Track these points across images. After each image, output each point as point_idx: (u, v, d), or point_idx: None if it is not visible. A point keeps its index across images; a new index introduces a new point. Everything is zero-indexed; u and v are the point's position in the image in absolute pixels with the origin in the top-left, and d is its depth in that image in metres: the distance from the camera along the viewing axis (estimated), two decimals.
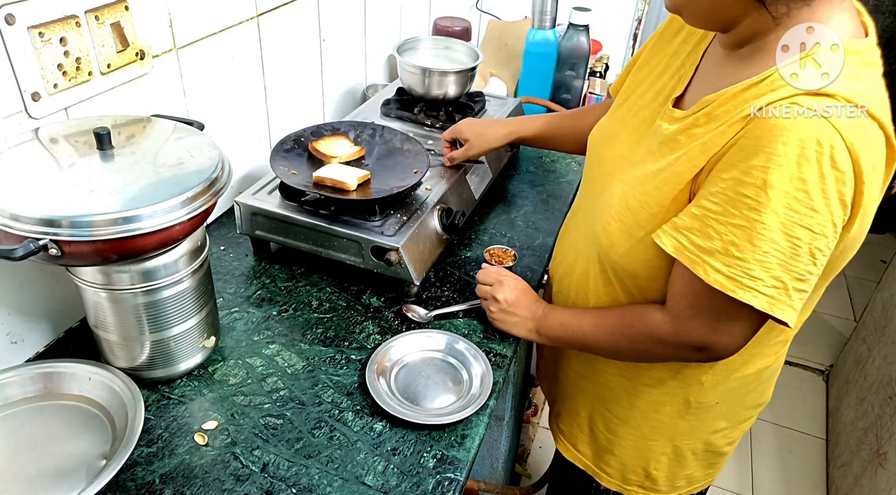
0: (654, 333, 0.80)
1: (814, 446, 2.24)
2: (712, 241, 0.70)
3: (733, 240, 0.68)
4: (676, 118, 0.79)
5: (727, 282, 0.69)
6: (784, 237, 0.66)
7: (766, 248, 0.67)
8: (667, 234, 0.74)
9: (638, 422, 0.98)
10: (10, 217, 0.67)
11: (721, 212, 0.69)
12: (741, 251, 0.68)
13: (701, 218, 0.71)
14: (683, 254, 0.72)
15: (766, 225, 0.66)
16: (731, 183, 0.68)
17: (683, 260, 0.72)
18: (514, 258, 1.14)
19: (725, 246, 0.69)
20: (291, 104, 1.35)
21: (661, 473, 1.02)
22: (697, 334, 0.77)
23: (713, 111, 0.73)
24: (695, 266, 0.71)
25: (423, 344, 0.98)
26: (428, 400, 0.90)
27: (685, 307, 0.76)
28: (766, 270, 0.68)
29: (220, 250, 1.16)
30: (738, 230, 0.68)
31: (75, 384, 0.84)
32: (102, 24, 0.87)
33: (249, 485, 0.77)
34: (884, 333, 2.06)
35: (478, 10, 2.11)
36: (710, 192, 0.70)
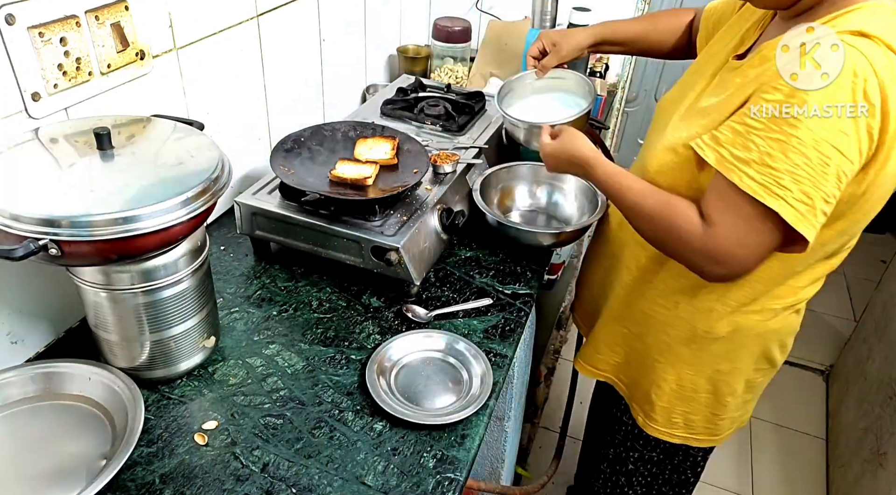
0: (683, 230, 0.83)
1: (814, 446, 2.24)
2: (750, 152, 0.76)
3: (769, 151, 0.74)
4: (734, 66, 0.89)
5: (758, 187, 0.75)
6: (816, 153, 0.72)
7: (797, 161, 0.73)
8: (709, 147, 0.81)
9: (648, 339, 1.06)
10: (10, 217, 0.67)
11: (763, 128, 0.75)
12: (774, 161, 0.74)
13: (743, 133, 0.77)
14: (723, 164, 0.78)
15: (800, 139, 0.72)
16: (777, 103, 0.74)
17: (722, 168, 0.78)
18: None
19: (761, 156, 0.75)
20: (291, 104, 1.35)
21: (661, 402, 1.08)
22: (722, 242, 0.80)
23: (767, 52, 0.81)
24: (731, 173, 0.77)
25: (423, 344, 0.98)
26: (428, 401, 0.90)
27: (718, 213, 0.80)
28: (795, 182, 0.73)
29: (220, 250, 1.16)
30: (775, 142, 0.74)
31: (75, 384, 0.84)
32: (102, 24, 0.87)
33: (249, 485, 0.77)
34: (884, 333, 2.06)
35: (478, 10, 2.11)
36: (754, 111, 0.76)
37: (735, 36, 0.97)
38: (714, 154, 0.80)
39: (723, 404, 1.06)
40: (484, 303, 1.06)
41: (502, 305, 1.08)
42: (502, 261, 1.18)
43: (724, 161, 0.78)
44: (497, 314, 1.06)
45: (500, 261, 1.18)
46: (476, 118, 1.42)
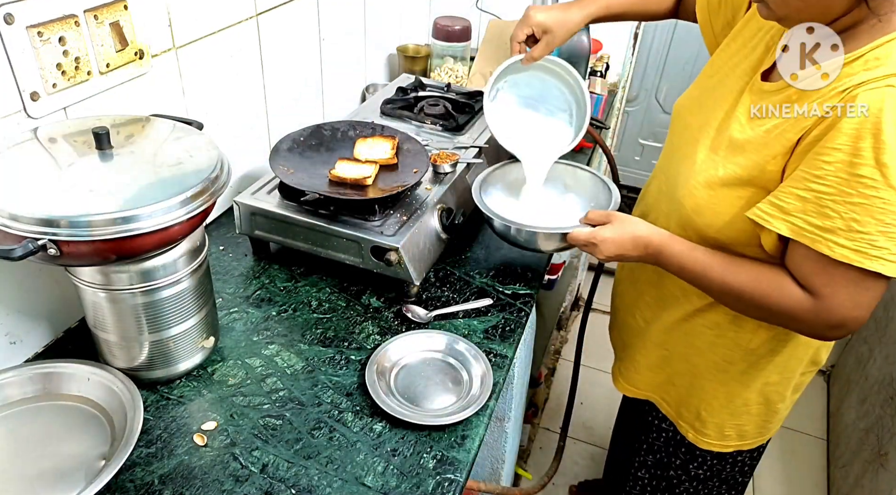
0: (792, 309, 0.81)
1: (815, 446, 2.23)
2: (832, 220, 0.74)
3: (854, 216, 0.73)
4: (766, 91, 0.85)
5: (853, 254, 0.74)
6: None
7: (888, 220, 0.72)
8: (776, 218, 0.79)
9: (694, 360, 1.04)
10: (9, 217, 0.67)
11: (836, 193, 0.73)
12: (863, 226, 0.73)
13: (814, 200, 0.75)
14: (803, 234, 0.77)
15: (885, 199, 0.71)
16: (841, 165, 0.73)
17: (804, 240, 0.77)
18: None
19: (847, 223, 0.73)
20: (291, 104, 1.35)
21: (712, 418, 1.07)
22: (838, 312, 0.79)
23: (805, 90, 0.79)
24: (817, 244, 0.76)
25: (422, 344, 0.98)
26: (428, 401, 0.90)
27: (822, 286, 0.79)
28: (890, 240, 0.73)
29: (219, 250, 1.16)
30: (858, 207, 0.72)
31: (74, 384, 0.84)
32: (101, 23, 0.87)
33: (249, 486, 0.77)
34: (885, 333, 2.06)
35: (478, 9, 2.11)
36: (816, 176, 0.75)
37: (755, 41, 0.92)
38: (786, 225, 0.78)
39: (773, 411, 1.06)
40: (484, 304, 1.06)
41: (502, 305, 1.08)
42: (502, 261, 1.18)
43: (804, 232, 0.77)
44: (497, 314, 1.06)
45: (500, 261, 1.18)
46: (476, 117, 1.42)
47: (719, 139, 0.89)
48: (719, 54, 0.99)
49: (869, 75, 0.72)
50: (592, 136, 1.58)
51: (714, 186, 0.87)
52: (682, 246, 0.89)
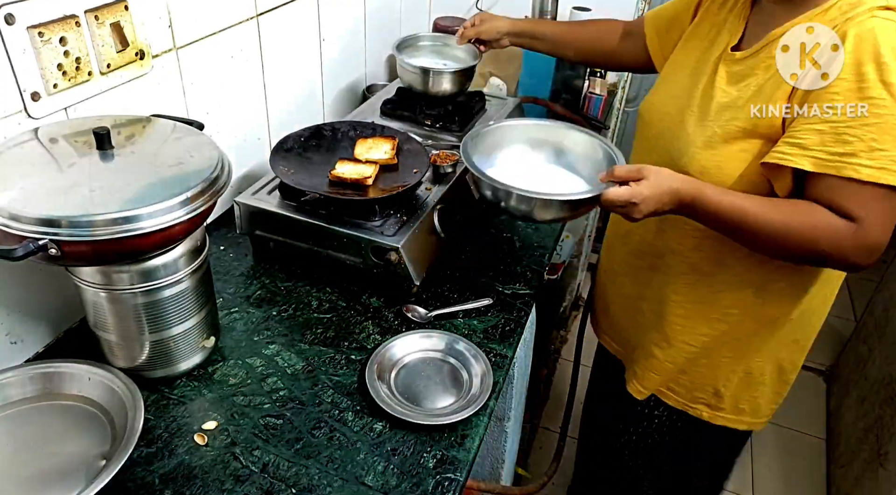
0: (836, 233, 0.81)
1: (814, 446, 2.23)
2: (852, 145, 0.77)
3: (873, 136, 0.75)
4: (740, 58, 0.89)
5: (878, 172, 0.76)
6: None
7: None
8: (797, 156, 0.80)
9: (713, 341, 1.03)
10: (9, 217, 0.67)
11: (849, 120, 0.76)
12: (882, 144, 0.75)
13: (831, 131, 0.78)
14: (827, 165, 0.78)
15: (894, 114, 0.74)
16: (850, 93, 0.76)
17: (830, 170, 0.78)
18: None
19: (867, 144, 0.76)
20: (291, 104, 1.35)
21: (729, 391, 1.07)
22: (875, 233, 0.80)
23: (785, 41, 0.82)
24: (843, 170, 0.77)
25: (423, 344, 0.98)
26: (428, 401, 0.90)
27: (858, 208, 0.79)
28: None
29: (219, 250, 1.16)
30: (874, 127, 0.75)
31: (75, 384, 0.84)
32: (102, 23, 0.87)
33: (249, 486, 0.77)
34: (884, 333, 2.06)
35: (478, 9, 2.11)
36: (828, 108, 0.78)
37: (713, 33, 0.96)
38: (809, 160, 0.79)
39: (785, 381, 1.08)
40: (484, 303, 1.06)
41: (502, 305, 1.08)
42: (502, 261, 1.18)
43: (827, 162, 0.78)
44: (497, 314, 1.06)
45: (500, 261, 1.18)
46: (476, 118, 1.42)
47: (706, 110, 0.91)
48: (676, 55, 1.03)
49: (850, 14, 0.77)
50: None
51: (716, 145, 0.88)
52: (714, 191, 0.85)
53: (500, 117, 1.43)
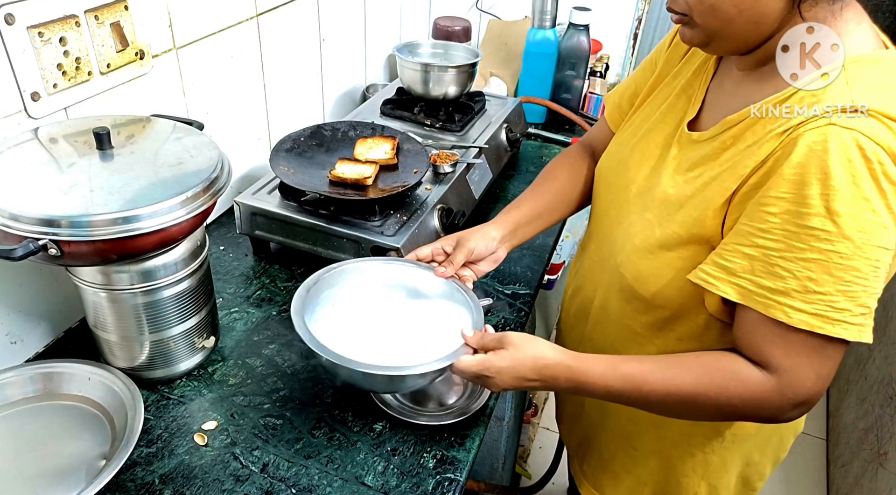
0: (755, 396, 0.69)
1: (814, 446, 2.24)
2: (784, 281, 0.65)
3: (809, 275, 0.64)
4: (695, 141, 0.78)
5: (813, 319, 0.65)
6: (864, 262, 0.63)
7: (847, 278, 0.63)
8: (721, 281, 0.70)
9: (667, 453, 0.94)
10: (9, 217, 0.67)
11: (785, 249, 0.65)
12: (820, 285, 0.64)
13: (762, 258, 0.67)
14: (752, 299, 0.68)
15: (842, 253, 0.63)
16: (787, 217, 0.64)
17: (755, 305, 0.67)
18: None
19: (802, 283, 0.64)
20: (291, 104, 1.35)
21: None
22: (803, 387, 0.68)
23: (740, 133, 0.72)
24: (770, 310, 0.66)
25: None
26: (430, 401, 0.90)
27: (782, 357, 0.68)
28: (851, 299, 0.64)
29: (219, 250, 1.16)
30: (813, 264, 0.64)
31: (75, 384, 0.84)
32: (102, 23, 0.87)
33: (249, 486, 0.77)
34: (884, 333, 2.06)
35: (478, 9, 2.11)
36: (761, 229, 0.66)
37: (673, 97, 0.85)
38: (733, 288, 0.69)
39: (752, 489, 0.98)
40: (484, 303, 1.06)
41: (502, 305, 1.08)
42: (502, 261, 1.18)
43: (753, 296, 0.67)
44: (497, 314, 1.06)
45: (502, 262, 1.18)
46: (476, 118, 1.42)
47: (650, 197, 0.81)
48: (634, 116, 0.92)
49: (810, 112, 0.65)
50: None
51: (653, 249, 0.78)
52: (603, 363, 0.74)
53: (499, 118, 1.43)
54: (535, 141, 1.63)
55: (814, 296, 0.64)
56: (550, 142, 1.63)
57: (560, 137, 1.62)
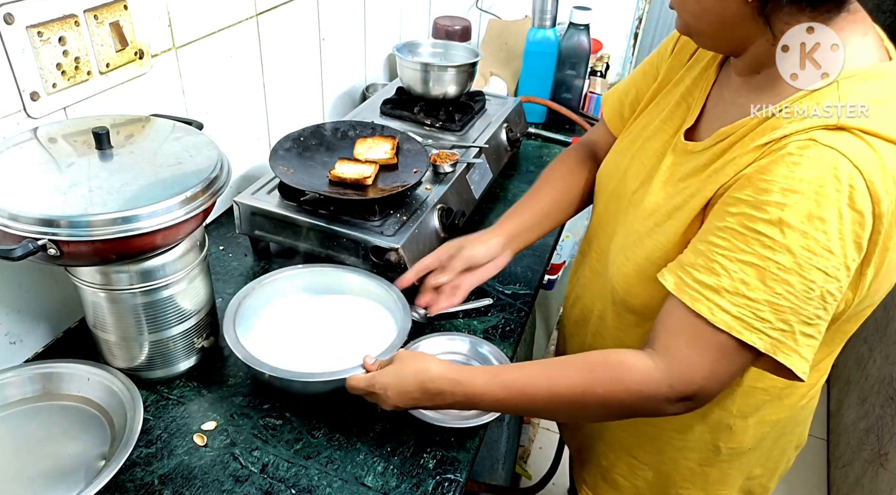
0: (641, 385, 0.69)
1: (815, 447, 2.23)
2: (719, 278, 0.65)
3: (743, 278, 0.64)
4: (690, 151, 0.77)
5: (734, 322, 0.64)
6: (799, 279, 0.62)
7: (779, 290, 0.63)
8: (670, 271, 0.70)
9: (665, 468, 0.93)
10: (8, 217, 0.67)
11: (729, 248, 0.65)
12: (752, 291, 0.63)
13: (705, 253, 0.66)
14: (684, 290, 0.67)
15: (781, 265, 0.62)
16: (740, 218, 0.64)
17: (684, 297, 0.67)
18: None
19: (735, 284, 0.64)
20: (291, 104, 1.35)
21: None
22: (695, 379, 0.68)
23: (729, 146, 0.71)
24: (697, 304, 0.66)
25: (448, 346, 0.96)
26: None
27: (682, 347, 0.68)
28: (775, 312, 0.63)
29: (219, 250, 1.16)
30: (750, 268, 0.63)
31: (74, 384, 0.84)
32: (101, 23, 0.87)
33: (249, 486, 0.77)
34: (885, 333, 2.06)
35: (478, 9, 2.11)
36: (717, 227, 0.66)
37: (672, 104, 0.84)
38: (674, 278, 0.69)
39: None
40: (484, 303, 1.06)
41: (502, 305, 1.08)
42: None
43: (686, 288, 0.67)
44: (497, 314, 1.06)
45: None
46: (476, 118, 1.42)
47: (641, 208, 0.80)
48: (635, 123, 0.91)
49: (791, 128, 0.64)
50: None
51: (640, 262, 0.77)
52: (485, 373, 0.74)
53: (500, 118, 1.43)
54: (535, 141, 1.63)
55: (742, 299, 0.64)
56: (550, 141, 1.63)
57: (560, 137, 1.62)
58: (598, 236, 0.94)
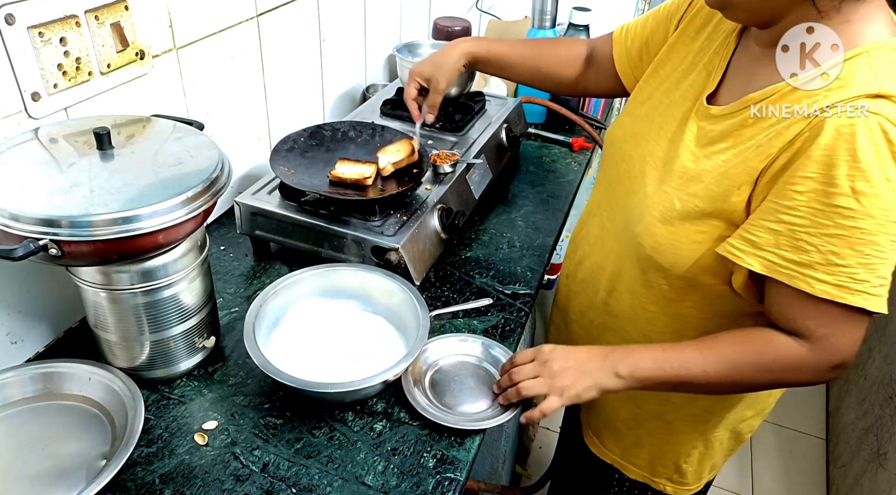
0: (791, 360, 0.75)
1: (814, 446, 2.24)
2: (809, 254, 0.69)
3: (832, 249, 0.68)
4: (715, 115, 0.80)
5: (835, 290, 0.69)
6: (886, 237, 0.67)
7: (868, 251, 0.67)
8: (747, 254, 0.73)
9: (670, 416, 0.99)
10: (9, 217, 0.67)
11: (810, 225, 0.69)
12: (843, 258, 0.68)
13: (787, 233, 0.70)
14: (778, 271, 0.71)
15: (864, 229, 0.67)
16: (814, 195, 0.68)
17: (780, 277, 0.71)
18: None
19: (825, 256, 0.68)
20: (291, 104, 1.35)
21: (691, 467, 1.04)
22: (839, 352, 0.73)
23: (762, 112, 0.74)
24: (794, 281, 0.70)
25: (460, 347, 0.97)
26: (463, 405, 0.89)
27: (816, 327, 0.73)
28: (871, 271, 0.68)
29: (220, 250, 1.16)
30: (836, 239, 0.68)
31: (75, 384, 0.84)
32: (102, 23, 0.87)
33: (249, 485, 0.77)
34: (884, 333, 2.06)
35: (478, 10, 2.11)
36: (788, 207, 0.70)
37: (687, 64, 0.87)
38: (759, 261, 0.72)
39: (741, 441, 1.04)
40: (484, 303, 1.06)
41: (502, 305, 1.08)
42: (502, 261, 1.18)
43: (778, 268, 0.71)
44: (497, 314, 1.06)
45: (500, 261, 1.18)
46: (476, 118, 1.42)
47: (668, 169, 0.83)
48: (647, 81, 0.94)
49: (834, 97, 0.67)
50: (592, 137, 1.58)
51: (672, 221, 0.81)
52: (652, 349, 0.81)
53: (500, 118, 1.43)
54: (535, 141, 1.64)
55: (836, 268, 0.68)
56: (550, 142, 1.63)
57: (560, 137, 1.62)
58: (610, 196, 0.97)
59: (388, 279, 0.98)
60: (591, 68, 1.12)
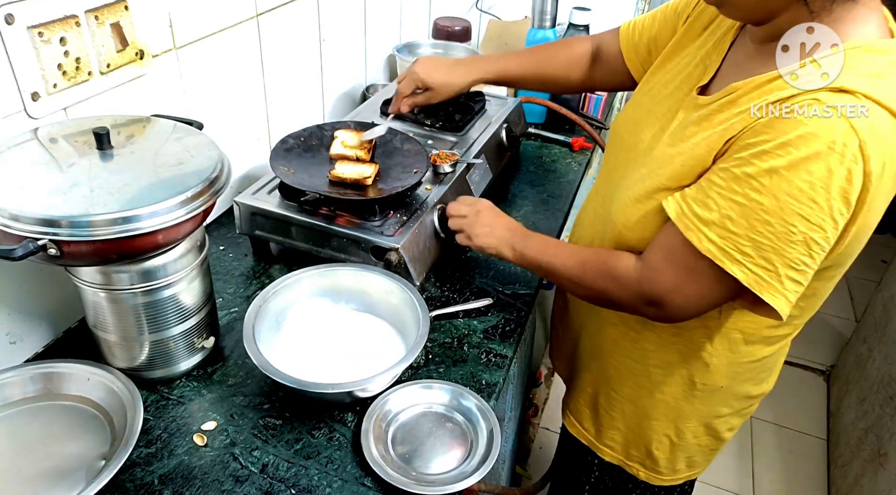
0: (619, 274, 0.83)
1: (814, 446, 2.24)
2: (710, 212, 0.72)
3: (730, 214, 0.71)
4: (699, 104, 0.82)
5: (717, 251, 0.72)
6: (780, 221, 0.68)
7: (760, 229, 0.69)
8: (674, 199, 0.77)
9: (643, 402, 1.01)
10: (9, 217, 0.67)
11: (724, 187, 0.71)
12: (736, 226, 0.71)
13: (705, 189, 0.74)
14: (682, 219, 0.75)
15: (763, 206, 0.68)
16: (739, 162, 0.70)
17: (679, 225, 0.75)
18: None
19: (722, 219, 0.71)
20: (291, 104, 1.35)
21: (662, 454, 1.05)
22: (659, 287, 0.79)
23: (737, 99, 0.76)
24: (688, 232, 0.74)
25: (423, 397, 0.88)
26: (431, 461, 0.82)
27: (659, 259, 0.79)
28: (756, 249, 0.70)
29: (219, 250, 1.16)
30: (737, 206, 0.70)
31: (74, 384, 0.84)
32: (102, 23, 0.87)
33: (249, 486, 0.77)
34: (884, 333, 2.06)
35: (478, 10, 2.11)
36: (719, 168, 0.73)
37: (688, 60, 0.90)
38: (675, 206, 0.77)
39: (720, 440, 1.04)
40: (484, 303, 1.06)
41: (502, 305, 1.08)
42: (502, 261, 1.18)
43: (684, 216, 0.75)
44: (497, 314, 1.06)
45: (500, 260, 1.18)
46: (476, 118, 1.42)
47: (650, 156, 0.87)
48: (654, 73, 0.97)
49: (797, 89, 0.69)
50: (592, 137, 1.58)
51: (641, 199, 0.83)
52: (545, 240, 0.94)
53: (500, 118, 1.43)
54: (535, 141, 1.63)
55: (727, 233, 0.71)
56: (550, 142, 1.63)
57: (560, 137, 1.62)
58: (605, 184, 1.00)
59: (387, 279, 0.98)
60: (597, 65, 1.15)
